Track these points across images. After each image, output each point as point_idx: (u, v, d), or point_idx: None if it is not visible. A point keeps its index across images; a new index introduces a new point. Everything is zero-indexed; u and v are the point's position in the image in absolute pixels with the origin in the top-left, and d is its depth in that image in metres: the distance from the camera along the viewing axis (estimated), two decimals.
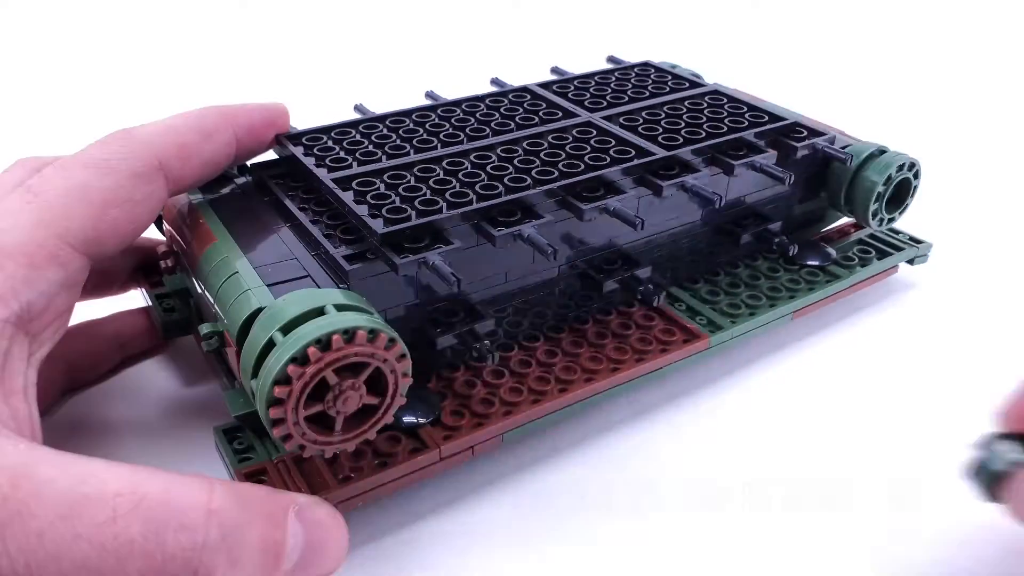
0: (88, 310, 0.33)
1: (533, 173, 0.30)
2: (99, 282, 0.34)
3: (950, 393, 0.33)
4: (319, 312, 0.23)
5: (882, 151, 0.36)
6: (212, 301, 0.26)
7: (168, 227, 0.32)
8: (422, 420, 0.28)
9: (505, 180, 0.29)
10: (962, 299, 0.39)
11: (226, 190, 0.32)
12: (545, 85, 0.38)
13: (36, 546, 0.19)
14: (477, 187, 0.28)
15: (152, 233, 0.32)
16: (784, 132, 0.34)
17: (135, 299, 0.36)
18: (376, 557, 0.26)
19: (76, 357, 0.32)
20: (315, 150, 0.32)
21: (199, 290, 0.28)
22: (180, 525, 0.20)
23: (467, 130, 0.33)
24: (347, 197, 0.28)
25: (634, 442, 0.31)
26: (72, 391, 0.33)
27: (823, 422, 0.32)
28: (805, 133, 0.34)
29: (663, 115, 0.35)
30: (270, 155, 0.33)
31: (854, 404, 0.33)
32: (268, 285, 0.25)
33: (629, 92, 0.37)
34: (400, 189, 0.28)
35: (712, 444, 0.31)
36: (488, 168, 0.30)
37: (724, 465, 0.30)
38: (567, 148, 0.31)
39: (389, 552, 0.27)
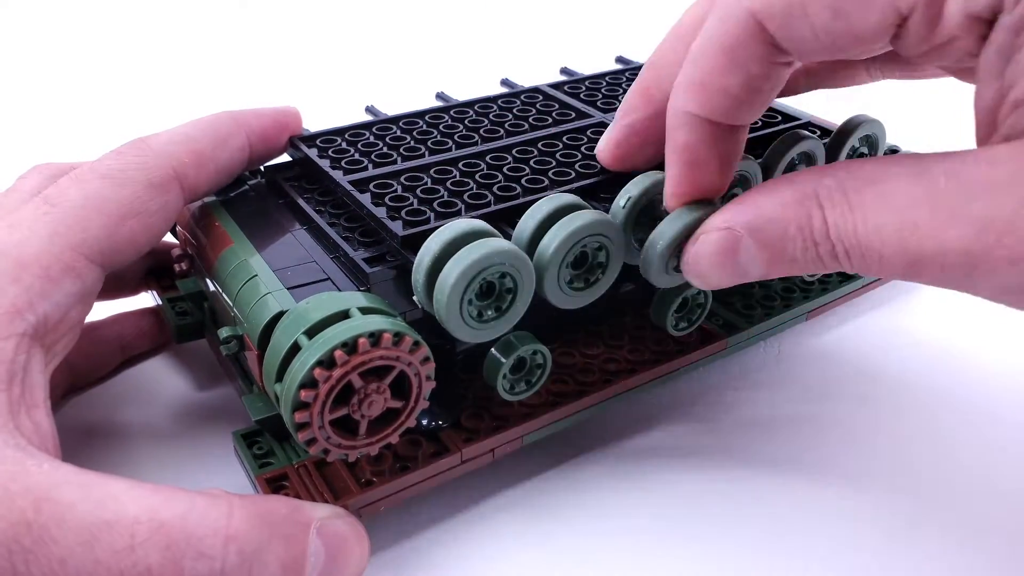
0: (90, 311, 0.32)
1: (550, 174, 0.29)
2: (112, 285, 0.33)
3: (960, 393, 0.33)
4: (344, 315, 0.22)
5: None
6: (231, 305, 0.26)
7: (181, 230, 0.32)
8: (443, 423, 0.28)
9: (523, 181, 0.29)
10: (975, 300, 0.39)
11: (239, 192, 0.31)
12: (556, 86, 0.38)
13: (59, 573, 0.19)
14: (495, 188, 0.28)
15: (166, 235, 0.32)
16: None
17: (144, 301, 0.36)
18: (396, 561, 0.26)
19: (78, 359, 0.32)
20: (330, 152, 0.31)
21: (214, 290, 0.28)
22: (198, 553, 0.20)
23: (481, 131, 0.33)
24: (365, 199, 0.28)
25: (654, 444, 0.31)
26: (71, 393, 0.33)
27: (836, 422, 0.32)
28: (818, 133, 0.34)
29: None
30: (283, 157, 0.33)
31: (867, 403, 0.33)
32: (288, 288, 0.25)
33: None
34: (418, 191, 0.28)
35: (729, 446, 0.31)
36: (505, 169, 0.30)
37: (742, 467, 0.30)
38: (583, 149, 0.31)
39: (408, 556, 0.27)
